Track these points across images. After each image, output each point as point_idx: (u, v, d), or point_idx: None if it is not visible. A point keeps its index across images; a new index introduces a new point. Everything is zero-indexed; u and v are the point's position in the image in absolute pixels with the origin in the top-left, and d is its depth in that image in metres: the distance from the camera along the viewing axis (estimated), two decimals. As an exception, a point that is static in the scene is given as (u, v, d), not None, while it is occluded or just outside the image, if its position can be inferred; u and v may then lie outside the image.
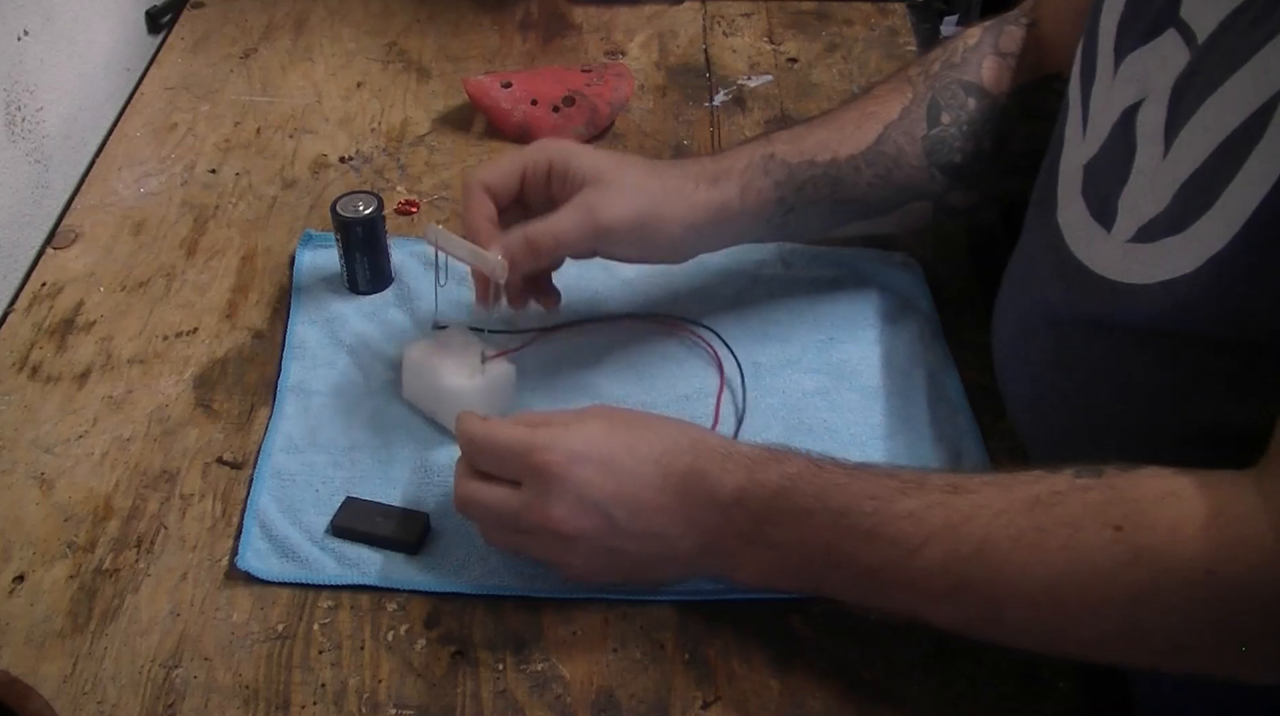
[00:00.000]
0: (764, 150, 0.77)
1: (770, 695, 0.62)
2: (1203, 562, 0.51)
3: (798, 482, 0.61)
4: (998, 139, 0.79)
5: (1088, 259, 0.64)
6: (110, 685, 0.62)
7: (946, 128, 0.79)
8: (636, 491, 0.62)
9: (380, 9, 1.19)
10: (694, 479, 0.62)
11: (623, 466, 0.62)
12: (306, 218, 0.93)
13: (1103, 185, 0.64)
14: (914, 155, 0.79)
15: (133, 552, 0.69)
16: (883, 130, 0.78)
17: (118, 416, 0.77)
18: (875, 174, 0.78)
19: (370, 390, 0.78)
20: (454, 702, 0.62)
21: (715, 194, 0.75)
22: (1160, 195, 0.59)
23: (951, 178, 0.79)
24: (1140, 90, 0.62)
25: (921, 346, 0.81)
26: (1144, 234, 0.60)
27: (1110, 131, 0.63)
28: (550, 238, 0.71)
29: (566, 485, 0.61)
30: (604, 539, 0.62)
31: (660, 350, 0.81)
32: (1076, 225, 0.66)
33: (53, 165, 0.96)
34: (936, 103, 0.79)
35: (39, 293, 0.86)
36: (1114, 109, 0.63)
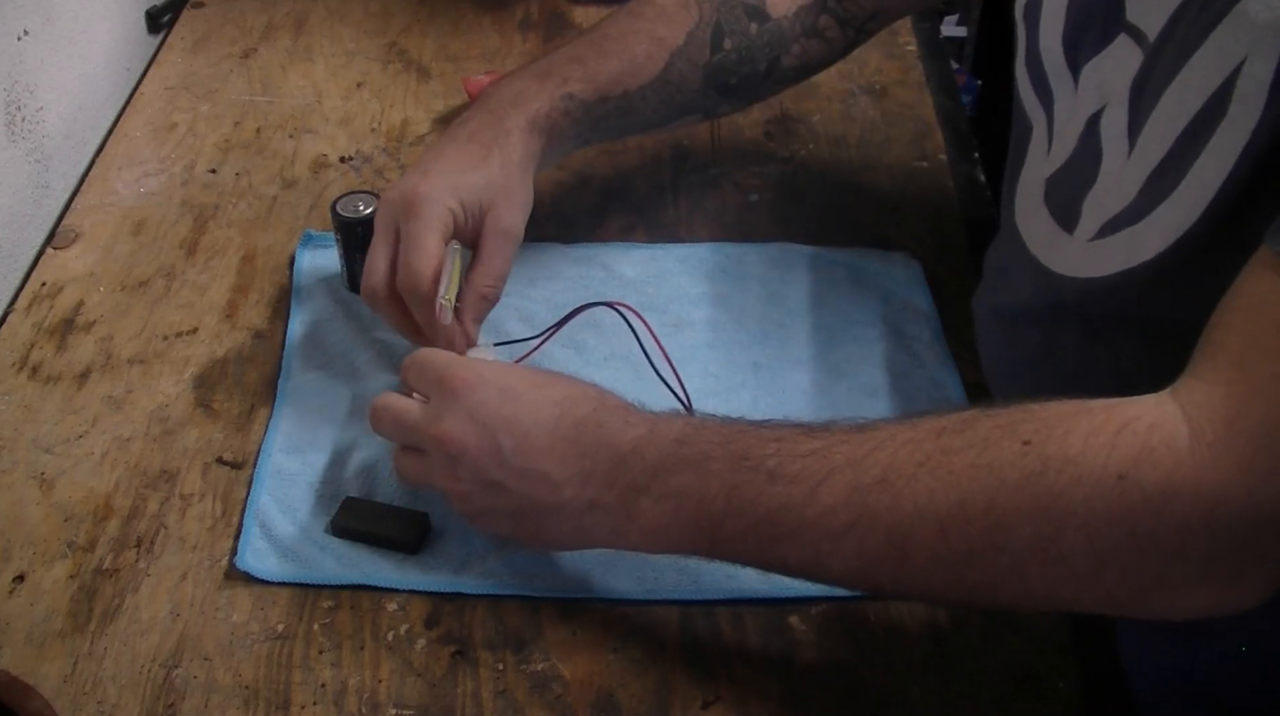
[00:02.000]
0: (563, 90, 0.79)
1: (770, 695, 0.62)
2: (1115, 467, 0.49)
3: (700, 431, 0.59)
4: (770, 62, 0.84)
5: (1049, 262, 0.65)
6: (110, 685, 0.62)
7: (728, 54, 0.83)
8: (528, 426, 0.61)
9: (380, 9, 1.19)
10: (591, 427, 0.61)
11: (522, 398, 0.62)
12: (306, 218, 0.93)
13: (1066, 192, 0.65)
14: (694, 80, 0.83)
15: (133, 552, 0.69)
16: (669, 59, 0.82)
17: (118, 416, 0.77)
18: (659, 100, 0.83)
19: (370, 390, 0.78)
20: (454, 702, 0.62)
21: (532, 145, 0.78)
22: (1127, 191, 0.59)
23: (725, 95, 0.85)
24: (1101, 97, 0.62)
25: (921, 346, 0.81)
26: (1106, 229, 0.60)
27: (1077, 141, 0.64)
28: (494, 278, 0.75)
29: (462, 401, 0.62)
30: (488, 468, 0.61)
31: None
32: (1038, 232, 0.67)
33: (53, 165, 0.96)
34: (720, 28, 0.83)
35: (39, 292, 0.86)
36: (1079, 120, 0.64)
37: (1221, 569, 0.49)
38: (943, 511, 0.52)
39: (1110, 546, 0.50)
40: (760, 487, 0.57)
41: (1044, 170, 0.68)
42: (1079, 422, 0.51)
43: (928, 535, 0.53)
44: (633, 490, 0.60)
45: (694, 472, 0.58)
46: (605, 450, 0.60)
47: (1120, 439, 0.50)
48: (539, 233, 0.91)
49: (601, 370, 0.79)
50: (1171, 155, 0.57)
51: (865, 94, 1.06)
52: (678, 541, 0.60)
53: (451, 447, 0.62)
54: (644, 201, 0.94)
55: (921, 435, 0.54)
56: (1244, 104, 0.53)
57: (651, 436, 0.60)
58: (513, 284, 0.85)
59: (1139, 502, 0.49)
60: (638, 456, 0.60)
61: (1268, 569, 0.49)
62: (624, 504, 0.60)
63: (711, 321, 0.83)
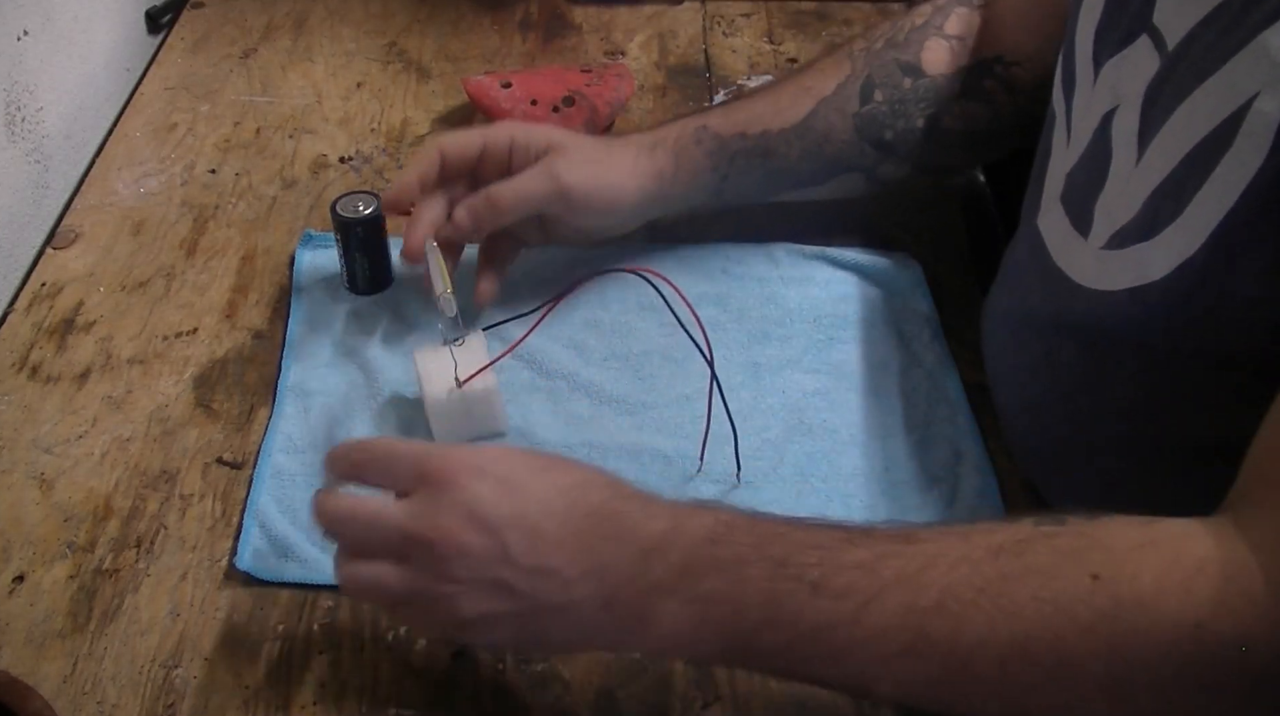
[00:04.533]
0: (697, 123, 0.81)
1: (770, 695, 0.62)
2: (1192, 615, 0.47)
3: (733, 530, 0.54)
4: (931, 117, 0.82)
5: (1066, 266, 0.64)
6: (110, 685, 0.62)
7: (878, 105, 0.81)
8: (537, 519, 0.55)
9: (380, 9, 1.19)
10: (608, 517, 0.55)
11: (526, 489, 0.56)
12: (306, 218, 0.93)
13: (1080, 191, 0.64)
14: (844, 130, 0.82)
15: (133, 552, 0.69)
16: (815, 106, 0.81)
17: (118, 416, 0.77)
18: (805, 147, 0.82)
19: (370, 390, 0.78)
20: (454, 702, 0.62)
21: (653, 162, 0.80)
22: (1132, 202, 0.59)
23: (883, 152, 0.83)
24: (1115, 97, 0.62)
25: (921, 346, 0.81)
26: (1115, 241, 0.60)
27: (1090, 138, 0.64)
28: (511, 193, 0.75)
29: (459, 496, 0.55)
30: (491, 566, 0.54)
31: (660, 350, 0.81)
32: (1056, 232, 0.66)
33: (53, 165, 0.96)
34: (871, 81, 0.82)
35: (39, 293, 0.86)
36: (1094, 116, 0.64)
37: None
38: (1004, 646, 0.50)
39: (1181, 694, 0.48)
40: (803, 601, 0.52)
41: (1063, 164, 0.67)
42: (1149, 559, 0.49)
43: (988, 668, 0.50)
44: (656, 590, 0.54)
45: (727, 577, 0.53)
46: (624, 544, 0.54)
47: (1195, 584, 0.48)
48: (539, 233, 0.91)
49: (601, 371, 0.79)
50: (1176, 176, 0.56)
51: (865, 94, 1.06)
52: (703, 650, 0.55)
53: (448, 548, 0.54)
54: (644, 201, 0.94)
55: (978, 555, 0.51)
56: (1251, 140, 0.51)
57: (677, 531, 0.54)
58: (511, 284, 0.85)
59: (1215, 653, 0.47)
60: (661, 554, 0.54)
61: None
62: (644, 604, 0.54)
63: (711, 321, 0.83)
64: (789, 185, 0.84)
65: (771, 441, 0.74)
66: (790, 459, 0.73)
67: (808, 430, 0.75)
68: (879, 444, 0.74)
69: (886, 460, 0.73)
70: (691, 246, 0.89)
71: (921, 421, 0.76)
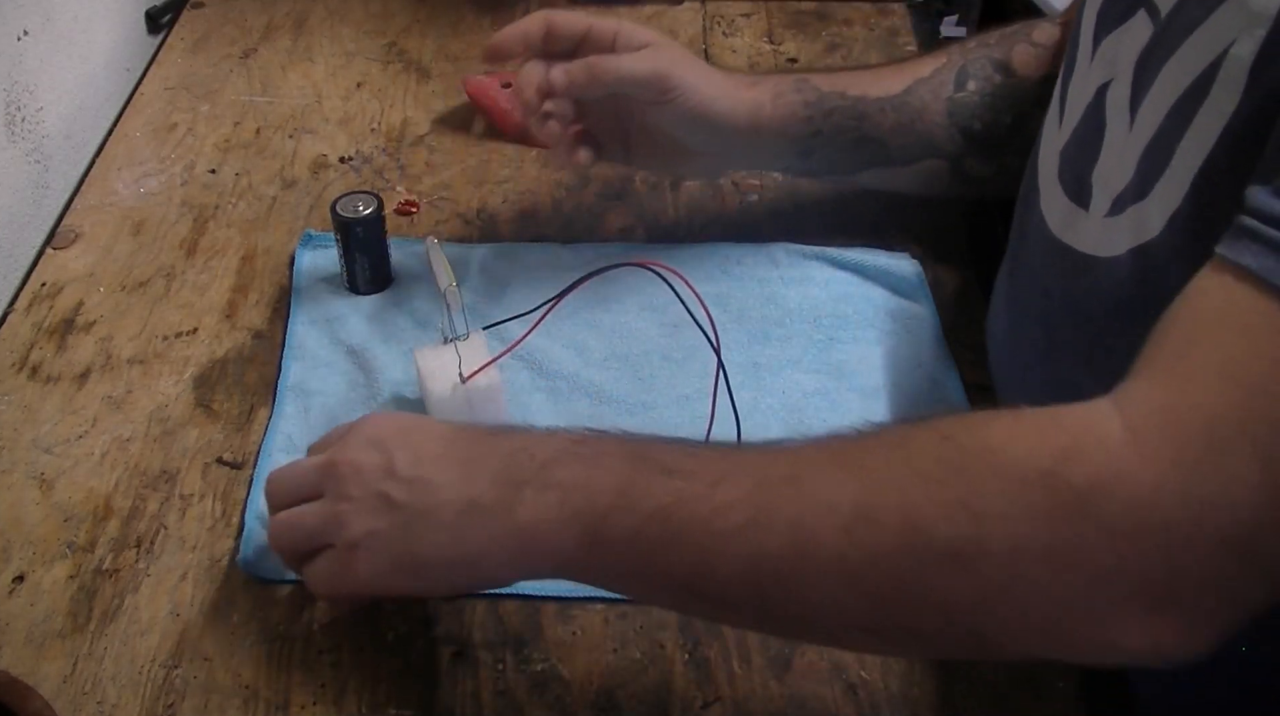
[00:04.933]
0: (797, 76, 0.82)
1: (770, 695, 0.62)
2: (1039, 463, 0.45)
3: (602, 436, 0.56)
4: (1017, 116, 0.82)
5: (1073, 241, 0.65)
6: (110, 685, 0.62)
7: (970, 94, 0.82)
8: (422, 440, 0.59)
9: (380, 9, 1.19)
10: (485, 437, 0.59)
11: (422, 424, 0.61)
12: (306, 218, 0.93)
13: (1076, 165, 0.65)
14: (937, 112, 0.82)
15: (133, 552, 0.69)
16: (911, 83, 0.82)
17: (118, 416, 0.77)
18: (899, 120, 0.82)
19: (370, 390, 0.78)
20: (454, 702, 0.62)
21: (751, 93, 0.79)
22: (1127, 166, 0.60)
23: (970, 142, 0.83)
24: (1109, 70, 0.63)
25: (921, 346, 0.81)
26: (1115, 206, 0.61)
27: (1083, 113, 0.65)
28: (613, 64, 0.74)
29: (359, 430, 0.61)
30: (378, 480, 0.58)
31: (660, 350, 0.81)
32: (1057, 210, 0.67)
33: (53, 165, 0.96)
34: (965, 71, 0.83)
35: (39, 293, 0.86)
36: (1088, 91, 0.65)
37: (1156, 592, 0.44)
38: (850, 508, 0.48)
39: (1028, 559, 0.45)
40: (654, 480, 0.52)
41: (1055, 144, 0.68)
42: (1003, 419, 0.48)
43: (831, 533, 0.48)
44: (515, 483, 0.55)
45: (584, 465, 0.55)
46: (494, 450, 0.57)
47: (1048, 433, 0.46)
48: (539, 233, 0.91)
49: (602, 371, 0.79)
50: (1163, 131, 0.57)
51: (865, 94, 1.06)
52: (555, 538, 0.54)
53: (345, 467, 0.59)
54: (644, 201, 0.94)
55: (841, 438, 0.51)
56: (1226, 86, 0.53)
57: (547, 438, 0.57)
58: (512, 284, 0.85)
59: (1066, 500, 0.44)
60: (526, 453, 0.56)
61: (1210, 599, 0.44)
62: (504, 498, 0.55)
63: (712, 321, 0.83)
64: (877, 160, 0.84)
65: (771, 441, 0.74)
66: (790, 459, 0.73)
67: (807, 430, 0.75)
68: (879, 444, 0.74)
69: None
70: (691, 246, 0.89)
71: (921, 421, 0.76)
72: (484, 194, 0.95)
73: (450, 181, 0.97)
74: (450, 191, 0.95)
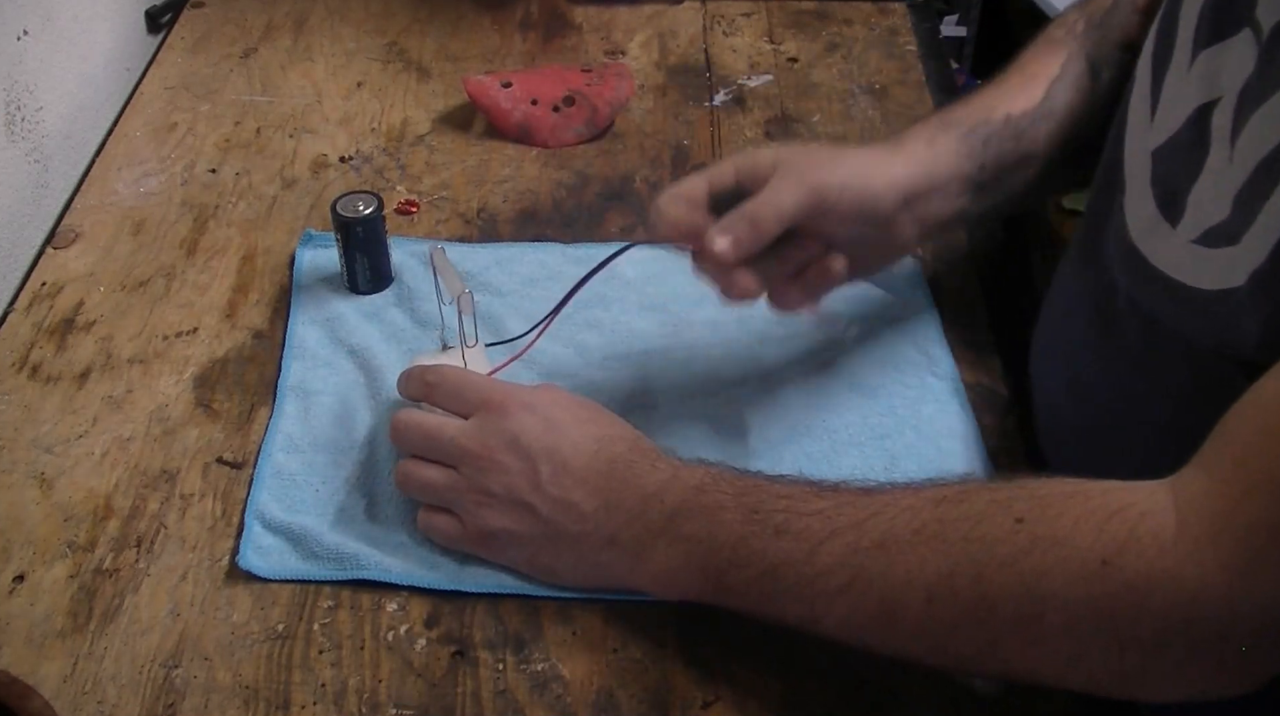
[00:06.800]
0: (936, 119, 0.76)
1: (770, 695, 0.62)
2: (1099, 553, 0.50)
3: (718, 481, 0.62)
4: None
5: (1149, 252, 0.62)
6: (110, 685, 0.62)
7: (1109, 84, 0.76)
8: (568, 455, 0.64)
9: (380, 9, 1.19)
10: (622, 466, 0.64)
11: (565, 429, 0.65)
12: (306, 217, 0.93)
13: (1171, 178, 0.61)
14: (1083, 110, 0.76)
15: (133, 552, 0.69)
16: (1047, 87, 0.76)
17: (118, 416, 0.77)
18: (1049, 129, 0.76)
19: (370, 390, 0.78)
20: (454, 702, 0.62)
21: (904, 153, 0.72)
22: (1224, 201, 0.57)
23: None
24: (1212, 88, 0.59)
25: (921, 346, 0.81)
26: (1209, 238, 0.57)
27: (1183, 124, 0.61)
28: (770, 209, 0.67)
29: (509, 423, 0.64)
30: (521, 488, 0.64)
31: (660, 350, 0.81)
32: (1141, 215, 0.63)
33: (53, 165, 0.96)
34: (1096, 61, 0.77)
35: (39, 292, 0.86)
36: (1187, 103, 0.60)
37: (1204, 662, 0.50)
38: (932, 581, 0.54)
39: (1089, 632, 0.50)
40: (767, 542, 0.58)
41: (1144, 141, 0.64)
42: (1073, 504, 0.52)
43: (916, 603, 0.54)
44: (649, 532, 0.62)
45: (707, 521, 0.60)
46: (631, 489, 0.63)
47: (1109, 524, 0.50)
48: (539, 233, 0.91)
49: (601, 370, 0.79)
50: (1254, 179, 0.54)
51: (865, 94, 1.06)
52: (685, 586, 0.62)
53: (490, 464, 0.64)
54: (644, 201, 0.94)
55: (921, 502, 0.56)
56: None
57: (673, 481, 0.62)
58: (513, 283, 0.86)
59: (1119, 590, 0.49)
60: (658, 500, 0.62)
61: (1253, 664, 0.49)
62: (640, 544, 0.62)
63: (712, 321, 0.83)
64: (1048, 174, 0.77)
65: (771, 442, 0.74)
66: (790, 459, 0.73)
67: (807, 430, 0.75)
68: (879, 444, 0.74)
69: (886, 460, 0.73)
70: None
71: (921, 421, 0.76)
72: (484, 194, 0.95)
73: (450, 181, 0.97)
74: (450, 191, 0.95)
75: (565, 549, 0.64)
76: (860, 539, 0.56)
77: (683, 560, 0.61)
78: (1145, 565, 0.49)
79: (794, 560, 0.57)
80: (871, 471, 0.72)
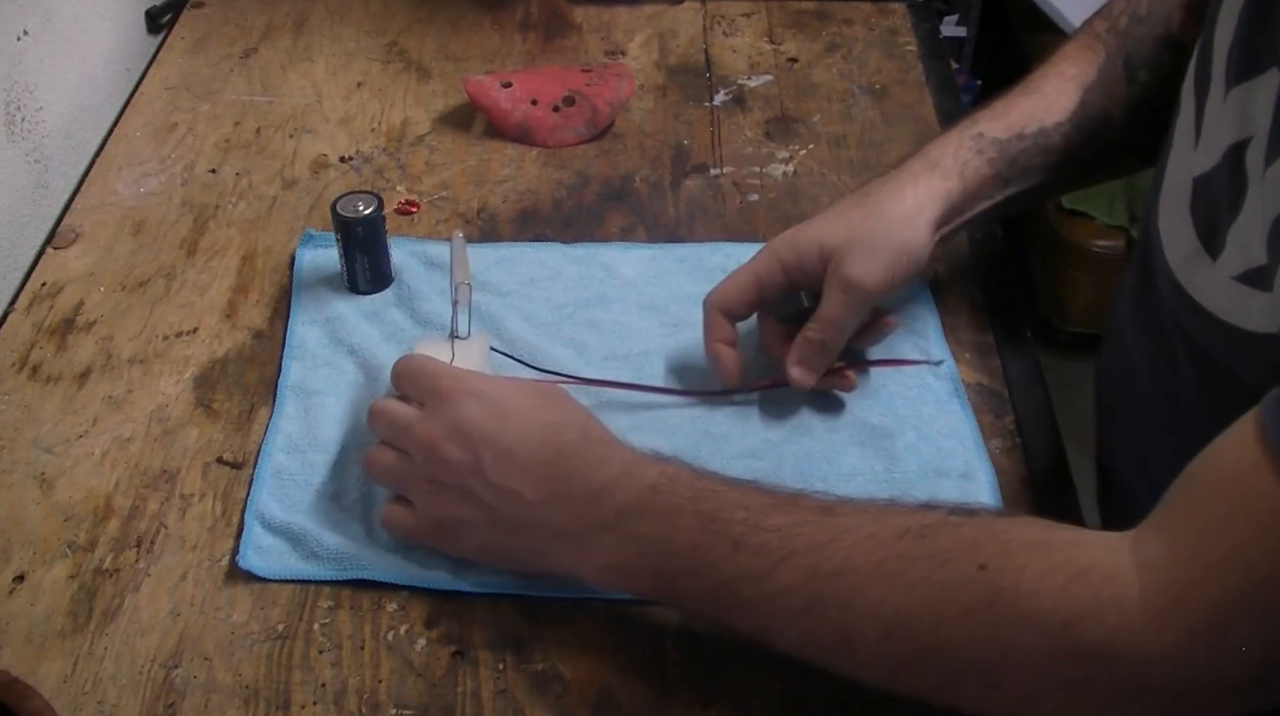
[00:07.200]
0: (971, 131, 0.76)
1: (770, 695, 0.62)
2: (1063, 614, 0.50)
3: (674, 482, 0.60)
4: None
5: (1192, 288, 0.60)
6: (110, 685, 0.62)
7: (1145, 86, 0.76)
8: (512, 442, 0.63)
9: (380, 9, 1.19)
10: (570, 456, 0.62)
11: (511, 416, 0.64)
12: (306, 217, 0.93)
13: (1211, 209, 0.59)
14: (1118, 116, 0.77)
15: (133, 552, 0.69)
16: (1082, 94, 0.77)
17: (118, 416, 0.77)
18: (1082, 138, 0.77)
19: (371, 390, 0.78)
20: (454, 702, 0.62)
21: (937, 191, 0.74)
22: (1259, 239, 0.55)
23: (1159, 133, 0.75)
24: (1245, 127, 0.57)
25: (921, 347, 0.81)
26: (1249, 279, 0.55)
27: (1222, 157, 0.59)
28: (834, 330, 0.72)
29: (454, 410, 0.64)
30: (463, 475, 0.63)
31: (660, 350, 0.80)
32: (1179, 243, 0.61)
33: (53, 165, 0.96)
34: (1133, 61, 0.77)
35: (39, 292, 0.86)
36: (1224, 135, 0.59)
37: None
38: (890, 619, 0.54)
39: (1047, 685, 0.51)
40: (723, 553, 0.58)
41: (1190, 167, 0.62)
42: (1036, 556, 0.52)
43: (873, 637, 0.54)
44: (598, 526, 0.61)
45: (660, 523, 0.59)
46: (579, 480, 0.62)
47: (1074, 586, 0.50)
48: (539, 233, 0.91)
49: (602, 370, 0.79)
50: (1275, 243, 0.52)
51: (865, 94, 1.06)
52: (633, 584, 0.62)
53: (435, 453, 0.64)
54: (644, 201, 0.94)
55: (885, 532, 0.55)
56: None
57: (626, 477, 0.61)
58: (513, 283, 0.86)
59: (1079, 653, 0.50)
60: (609, 494, 0.61)
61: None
62: (586, 538, 0.61)
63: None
64: (1069, 182, 0.81)
65: (771, 442, 0.74)
66: (790, 459, 0.73)
67: (807, 431, 0.75)
68: (879, 445, 0.74)
69: (886, 460, 0.73)
70: (691, 245, 0.89)
71: (921, 422, 0.76)
72: (484, 194, 0.95)
73: (450, 181, 0.97)
74: (450, 191, 0.95)
75: (513, 537, 0.64)
76: (820, 564, 0.55)
77: (633, 559, 0.60)
78: (1107, 631, 0.49)
79: (751, 576, 0.57)
80: (872, 471, 0.73)
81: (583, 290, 0.85)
